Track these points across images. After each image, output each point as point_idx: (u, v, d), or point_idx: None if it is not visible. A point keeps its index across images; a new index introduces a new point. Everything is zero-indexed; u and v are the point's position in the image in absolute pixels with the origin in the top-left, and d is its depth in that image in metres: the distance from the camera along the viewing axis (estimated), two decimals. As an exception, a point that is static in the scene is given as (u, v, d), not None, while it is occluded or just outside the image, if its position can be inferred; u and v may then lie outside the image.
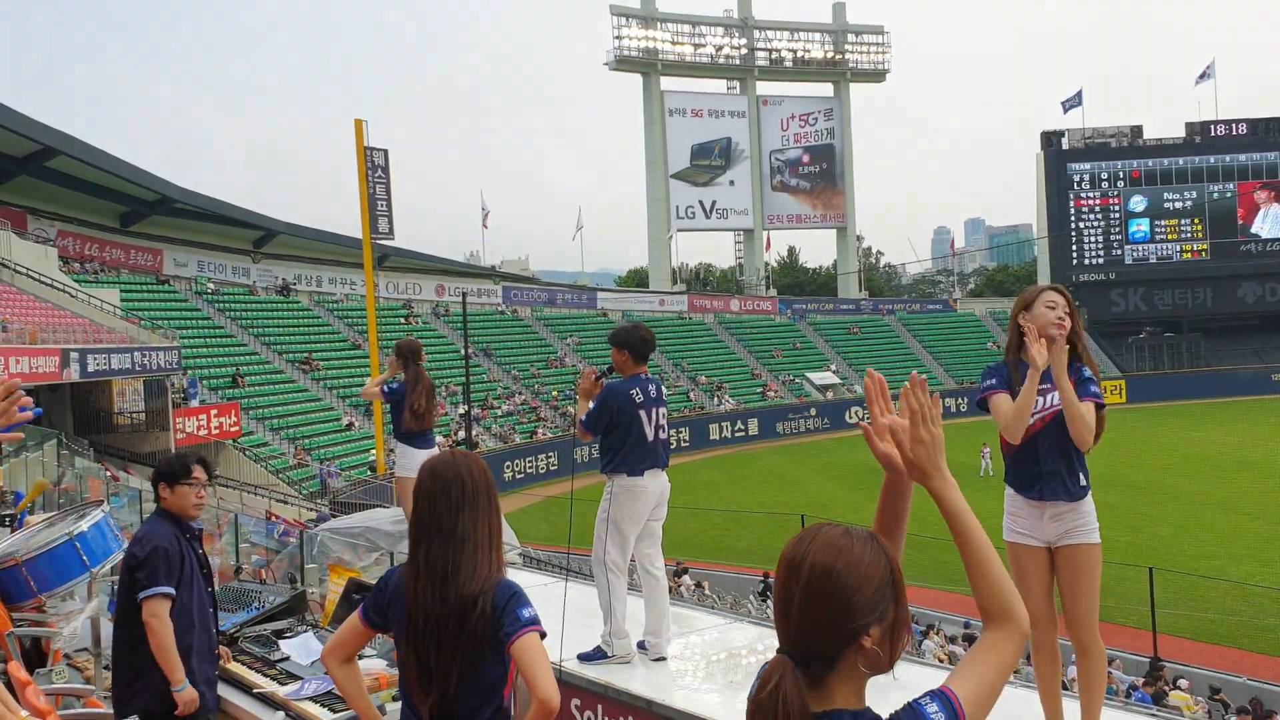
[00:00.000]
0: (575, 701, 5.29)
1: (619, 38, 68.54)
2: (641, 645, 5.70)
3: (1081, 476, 4.08)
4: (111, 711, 5.09)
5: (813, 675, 1.73)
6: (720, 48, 71.68)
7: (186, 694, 4.27)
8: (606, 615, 5.60)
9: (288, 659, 4.76)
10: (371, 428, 34.20)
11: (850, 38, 74.26)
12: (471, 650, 2.81)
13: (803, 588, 1.72)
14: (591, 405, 5.65)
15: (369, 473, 33.10)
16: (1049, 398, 4.06)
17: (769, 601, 20.41)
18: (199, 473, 4.58)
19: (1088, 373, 4.10)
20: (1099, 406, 4.04)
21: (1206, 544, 25.44)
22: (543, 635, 2.82)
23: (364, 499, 26.57)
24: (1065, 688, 4.49)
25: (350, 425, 39.06)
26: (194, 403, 32.54)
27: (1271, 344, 65.60)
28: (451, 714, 2.86)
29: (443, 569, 2.83)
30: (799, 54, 73.17)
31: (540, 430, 44.61)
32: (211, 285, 42.90)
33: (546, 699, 2.71)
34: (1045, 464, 4.05)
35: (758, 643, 6.27)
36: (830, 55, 73.58)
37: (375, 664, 4.44)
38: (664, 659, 5.62)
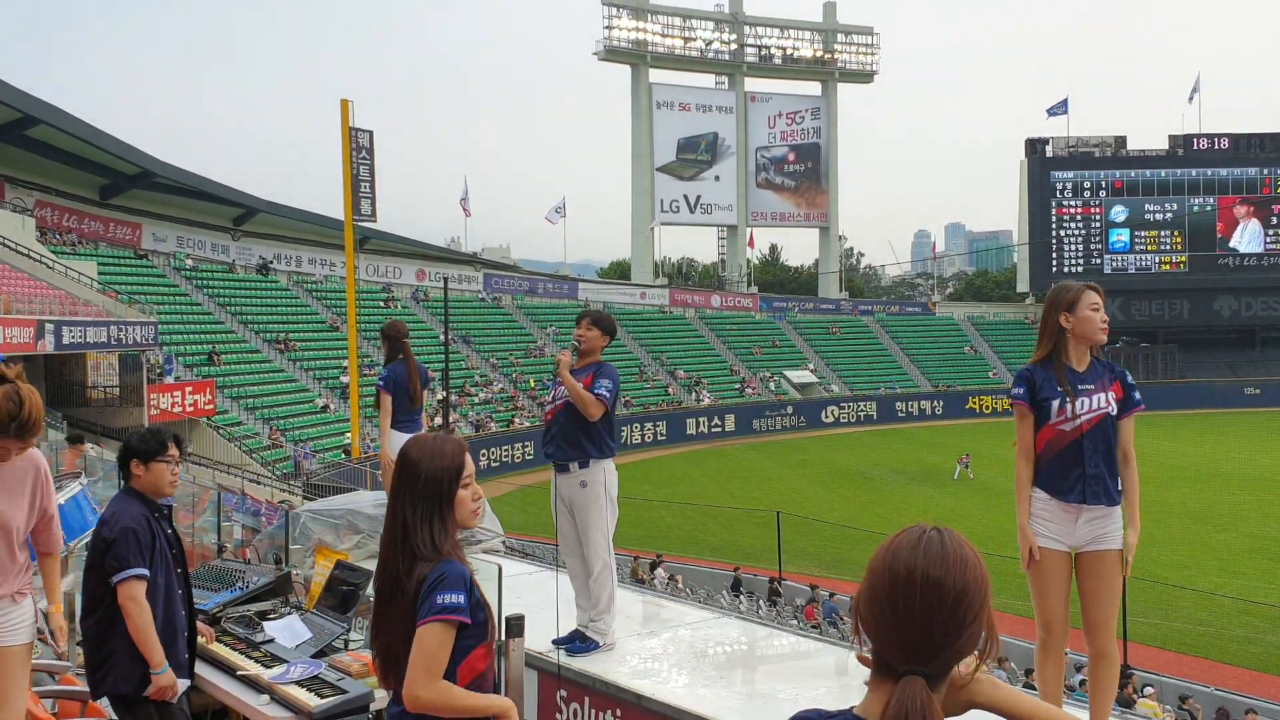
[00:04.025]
0: (561, 693, 5.23)
1: (609, 28, 68.40)
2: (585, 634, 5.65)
3: (1118, 482, 4.05)
4: (88, 689, 5.01)
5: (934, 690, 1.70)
6: (710, 42, 71.65)
7: (165, 678, 4.17)
8: (607, 605, 5.53)
9: (272, 641, 4.68)
10: (347, 411, 34.00)
11: (840, 37, 74.37)
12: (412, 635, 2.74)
13: (950, 610, 1.67)
14: (607, 382, 5.51)
15: (343, 456, 32.92)
16: (1095, 399, 4.00)
17: (741, 597, 20.41)
18: (174, 449, 4.44)
19: (1130, 377, 4.12)
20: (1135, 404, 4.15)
21: (1176, 554, 25.65)
22: (463, 627, 2.69)
23: (338, 482, 26.45)
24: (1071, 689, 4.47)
25: (326, 407, 38.84)
26: (169, 379, 32.26)
27: (1245, 358, 66.27)
28: None
29: (389, 547, 2.80)
30: (788, 51, 73.22)
31: (517, 419, 44.50)
32: (190, 261, 42.51)
33: (404, 695, 2.65)
34: (1090, 467, 4.00)
35: (744, 638, 6.23)
36: (819, 54, 73.67)
37: (366, 652, 4.37)
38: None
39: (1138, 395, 4.10)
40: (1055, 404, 4.02)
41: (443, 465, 2.81)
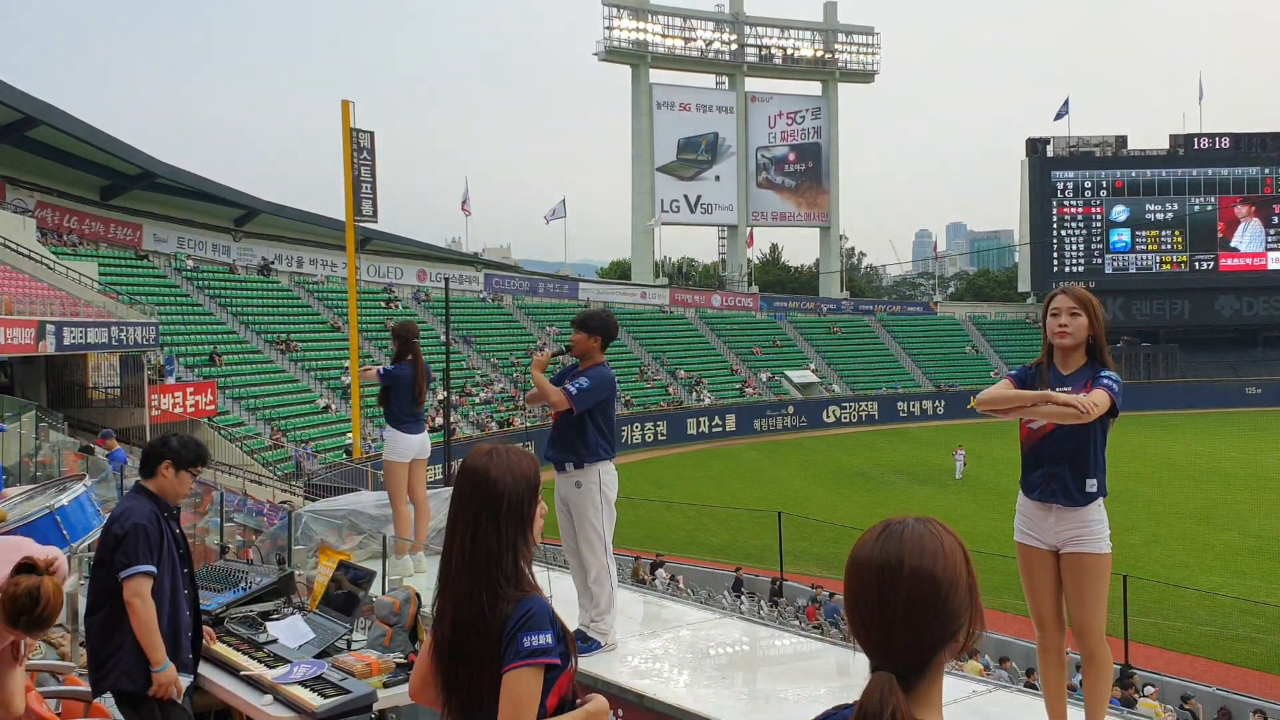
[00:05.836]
0: (563, 693, 5.23)
1: (609, 29, 68.44)
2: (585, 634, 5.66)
3: (1089, 483, 4.00)
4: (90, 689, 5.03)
5: (907, 687, 1.61)
6: (710, 42, 71.69)
7: (165, 674, 4.19)
8: (607, 606, 5.55)
9: (275, 641, 4.69)
10: (348, 411, 34.01)
11: (840, 37, 74.38)
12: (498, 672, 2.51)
13: (906, 598, 1.58)
14: (584, 381, 5.49)
15: (345, 456, 32.93)
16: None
17: (742, 597, 20.40)
18: (202, 467, 4.57)
19: (1109, 380, 3.98)
20: (1112, 396, 3.93)
21: (1177, 553, 25.67)
22: (551, 666, 2.49)
23: (339, 482, 26.44)
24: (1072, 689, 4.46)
25: (327, 408, 38.85)
26: (170, 380, 32.25)
27: (1246, 357, 66.26)
28: None
29: (466, 580, 2.53)
30: (789, 51, 73.25)
31: (517, 419, 44.49)
32: (191, 262, 42.52)
33: None
34: (1049, 465, 4.03)
35: (745, 638, 6.25)
36: (820, 54, 73.69)
37: (369, 652, 4.39)
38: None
39: (1106, 380, 3.97)
40: None
41: (522, 477, 2.55)
